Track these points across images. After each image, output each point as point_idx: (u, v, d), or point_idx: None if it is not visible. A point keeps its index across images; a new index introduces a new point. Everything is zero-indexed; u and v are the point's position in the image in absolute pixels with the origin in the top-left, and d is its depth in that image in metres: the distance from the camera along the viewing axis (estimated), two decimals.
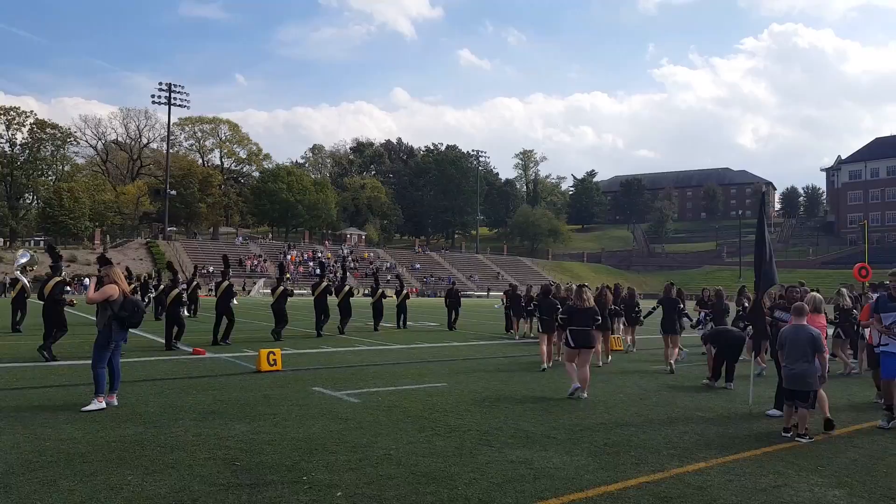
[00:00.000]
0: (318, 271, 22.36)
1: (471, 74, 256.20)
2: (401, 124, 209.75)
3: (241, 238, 73.27)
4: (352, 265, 68.05)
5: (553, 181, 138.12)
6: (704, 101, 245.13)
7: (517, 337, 17.63)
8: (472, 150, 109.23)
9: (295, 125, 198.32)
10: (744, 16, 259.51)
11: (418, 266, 74.27)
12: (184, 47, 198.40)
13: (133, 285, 19.99)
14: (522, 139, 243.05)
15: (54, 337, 11.17)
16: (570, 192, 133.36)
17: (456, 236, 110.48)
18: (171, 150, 77.35)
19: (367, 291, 36.29)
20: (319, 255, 69.51)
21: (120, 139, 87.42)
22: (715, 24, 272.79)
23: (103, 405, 7.03)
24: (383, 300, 19.19)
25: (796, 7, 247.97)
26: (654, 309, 13.15)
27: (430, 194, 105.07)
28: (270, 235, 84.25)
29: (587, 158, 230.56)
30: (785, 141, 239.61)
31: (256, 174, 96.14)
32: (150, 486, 4.51)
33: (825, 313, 7.83)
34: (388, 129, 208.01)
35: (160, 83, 68.82)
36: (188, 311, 21.46)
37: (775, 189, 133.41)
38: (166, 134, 75.93)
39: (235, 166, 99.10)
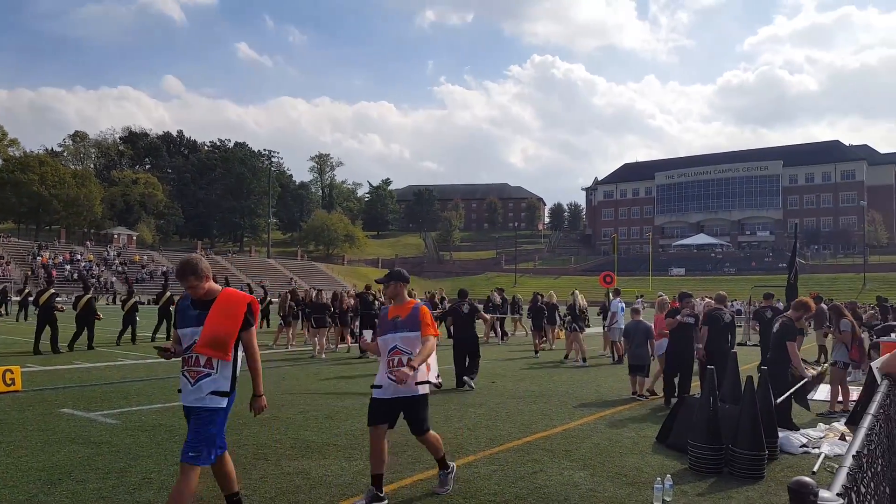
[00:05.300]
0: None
1: (251, 70, 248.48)
2: (176, 116, 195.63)
3: None
4: (120, 268, 61.16)
5: (349, 186, 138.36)
6: (480, 119, 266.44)
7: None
8: (264, 150, 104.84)
9: (42, 107, 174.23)
10: (509, 44, 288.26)
11: None
12: None
13: None
14: (312, 142, 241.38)
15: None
16: (366, 199, 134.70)
17: (245, 239, 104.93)
18: None
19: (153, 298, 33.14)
20: (79, 256, 61.30)
21: None
22: (485, 49, 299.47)
23: None
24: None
25: (551, 42, 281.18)
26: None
27: (216, 193, 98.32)
28: (18, 234, 72.18)
29: (376, 166, 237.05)
30: (548, 161, 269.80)
31: None
32: None
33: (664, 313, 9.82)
34: (160, 119, 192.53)
35: None
36: None
37: (545, 204, 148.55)
38: None
39: None
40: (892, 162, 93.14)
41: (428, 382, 4.60)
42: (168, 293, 17.98)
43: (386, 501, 4.53)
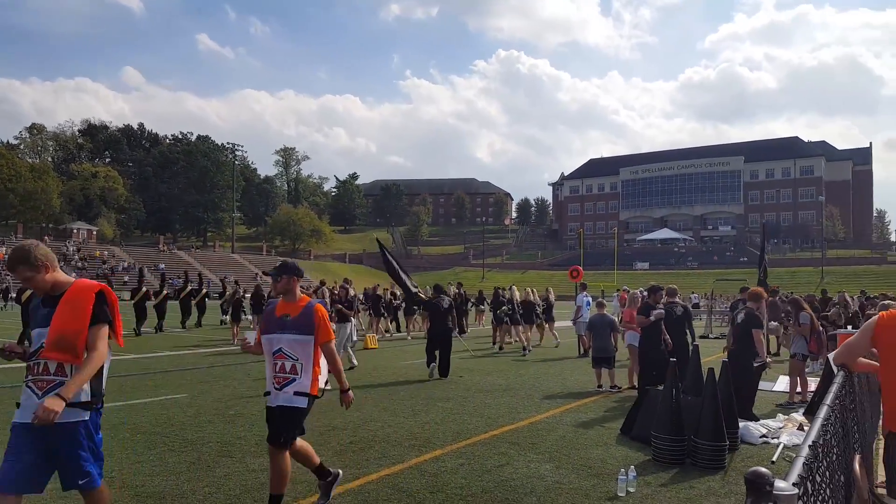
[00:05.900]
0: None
1: (213, 62, 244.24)
2: (136, 108, 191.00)
3: None
4: (79, 264, 59.55)
5: (315, 181, 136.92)
6: (446, 114, 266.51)
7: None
8: (228, 143, 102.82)
9: None
10: (474, 39, 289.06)
11: (163, 266, 67.75)
12: None
13: None
14: (276, 135, 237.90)
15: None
16: (333, 193, 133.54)
17: (209, 234, 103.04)
18: None
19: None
20: None
21: None
22: (451, 44, 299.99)
23: None
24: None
25: (516, 37, 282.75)
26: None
27: (178, 187, 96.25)
28: None
29: (342, 160, 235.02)
30: (514, 156, 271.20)
31: None
32: None
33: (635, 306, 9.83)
34: (119, 111, 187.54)
35: None
36: None
37: (512, 199, 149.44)
38: None
39: None
40: (849, 158, 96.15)
41: (307, 395, 4.02)
42: (144, 288, 18.49)
43: (340, 474, 4.48)
